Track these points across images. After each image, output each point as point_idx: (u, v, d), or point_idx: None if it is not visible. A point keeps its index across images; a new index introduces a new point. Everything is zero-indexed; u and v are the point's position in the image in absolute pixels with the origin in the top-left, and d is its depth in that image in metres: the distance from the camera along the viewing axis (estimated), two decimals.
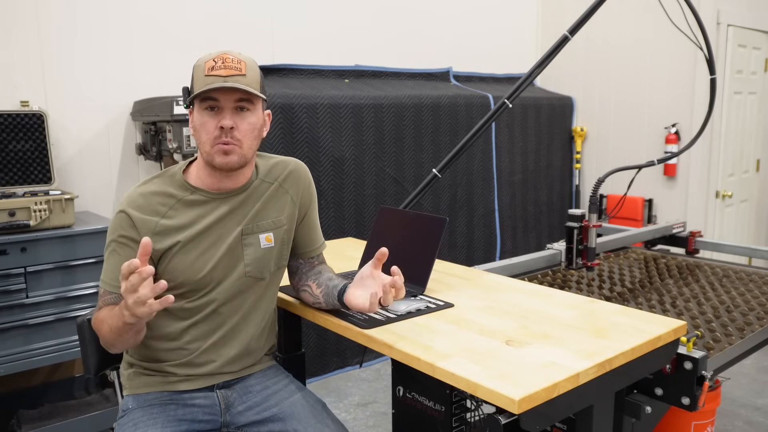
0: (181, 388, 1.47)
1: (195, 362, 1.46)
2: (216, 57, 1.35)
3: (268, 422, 1.50)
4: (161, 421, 1.40)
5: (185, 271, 1.41)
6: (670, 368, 1.48)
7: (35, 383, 2.80)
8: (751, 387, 3.21)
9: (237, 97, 1.35)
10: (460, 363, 1.20)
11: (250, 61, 1.39)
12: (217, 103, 1.35)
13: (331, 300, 1.49)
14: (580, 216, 2.29)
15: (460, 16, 4.37)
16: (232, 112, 1.36)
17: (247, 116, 1.38)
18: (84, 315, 1.62)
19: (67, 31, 2.88)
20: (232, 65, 1.34)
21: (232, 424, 1.50)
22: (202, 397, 1.48)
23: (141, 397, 1.46)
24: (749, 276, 2.42)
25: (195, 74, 1.36)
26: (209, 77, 1.33)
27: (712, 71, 2.52)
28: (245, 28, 3.41)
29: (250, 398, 1.52)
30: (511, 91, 2.36)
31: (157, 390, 1.47)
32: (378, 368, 3.50)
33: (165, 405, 1.44)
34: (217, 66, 1.33)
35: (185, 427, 1.43)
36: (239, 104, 1.37)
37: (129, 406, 1.46)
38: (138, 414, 1.43)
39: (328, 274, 1.59)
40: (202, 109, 1.36)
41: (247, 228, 1.47)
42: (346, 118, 3.31)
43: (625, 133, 4.38)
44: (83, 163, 2.99)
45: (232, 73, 1.33)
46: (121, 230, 1.39)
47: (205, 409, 1.47)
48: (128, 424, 1.41)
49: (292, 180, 1.55)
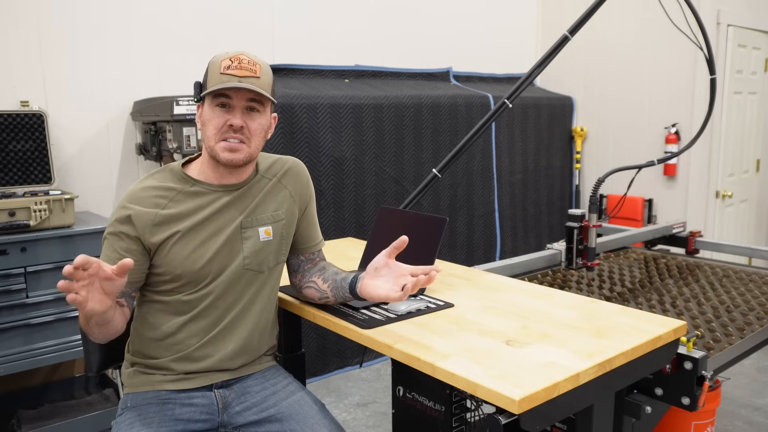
0: (179, 387, 1.47)
1: (192, 356, 1.46)
2: (233, 56, 1.38)
3: (266, 423, 1.50)
4: (157, 421, 1.41)
5: (183, 262, 1.42)
6: (670, 368, 1.48)
7: (35, 383, 2.80)
8: (751, 387, 3.21)
9: (249, 97, 1.39)
10: (460, 363, 1.20)
11: (264, 65, 1.43)
12: (230, 101, 1.38)
13: (342, 293, 1.49)
14: (580, 216, 2.29)
15: (460, 16, 4.37)
16: (242, 111, 1.39)
17: (256, 117, 1.42)
18: None
19: (67, 31, 2.88)
20: (247, 66, 1.38)
21: (229, 424, 1.50)
22: (200, 396, 1.48)
23: (139, 395, 1.47)
24: (749, 276, 2.42)
25: (210, 70, 1.39)
26: (224, 75, 1.36)
27: (712, 71, 2.52)
28: (245, 28, 3.41)
29: (248, 398, 1.52)
30: (511, 91, 2.36)
31: (156, 389, 1.47)
32: (378, 368, 3.50)
33: (162, 404, 1.45)
34: (233, 65, 1.37)
35: (181, 427, 1.42)
36: (250, 104, 1.40)
37: (127, 404, 1.47)
38: (135, 413, 1.43)
39: (333, 268, 1.60)
40: (214, 105, 1.39)
41: (246, 221, 1.49)
42: (346, 118, 3.31)
43: (625, 133, 4.38)
44: (83, 163, 2.99)
45: (247, 74, 1.37)
46: (118, 225, 1.40)
47: (203, 409, 1.47)
48: (125, 422, 1.41)
49: (290, 176, 1.58)
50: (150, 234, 1.39)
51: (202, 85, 1.41)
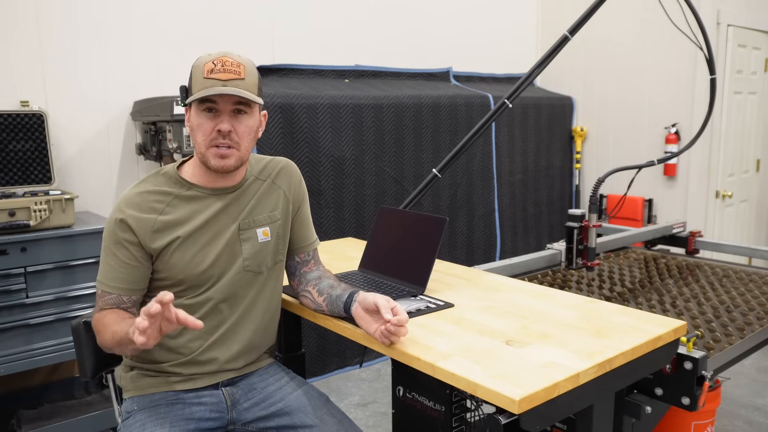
0: (186, 387, 1.48)
1: (198, 361, 1.47)
2: (216, 59, 1.36)
3: (275, 417, 1.52)
4: (170, 421, 1.41)
5: (185, 267, 1.42)
6: (670, 368, 1.48)
7: (35, 383, 2.80)
8: (751, 387, 3.21)
9: (235, 100, 1.37)
10: (460, 363, 1.21)
11: (248, 64, 1.40)
12: (215, 106, 1.37)
13: (337, 310, 1.50)
14: (580, 216, 2.29)
15: (460, 16, 4.37)
16: (229, 115, 1.38)
17: (244, 119, 1.40)
18: (79, 318, 1.60)
19: (67, 30, 2.88)
20: (231, 69, 1.35)
21: (238, 420, 1.52)
22: (208, 395, 1.49)
23: (146, 398, 1.47)
24: (749, 276, 2.42)
25: (194, 74, 1.37)
26: (208, 80, 1.34)
27: (712, 71, 2.52)
28: (245, 27, 3.41)
29: (255, 395, 1.54)
30: (511, 91, 2.36)
31: (162, 390, 1.47)
32: (378, 368, 3.50)
33: (172, 405, 1.45)
34: (216, 69, 1.34)
35: (193, 426, 1.43)
36: (237, 107, 1.38)
37: (134, 407, 1.46)
38: (145, 415, 1.43)
39: (328, 281, 1.60)
40: (200, 110, 1.37)
41: (243, 223, 1.49)
42: (346, 118, 3.31)
43: (625, 133, 4.38)
44: (83, 163, 2.99)
45: (231, 77, 1.35)
46: (119, 232, 1.39)
47: (212, 407, 1.49)
48: (135, 425, 1.41)
49: (283, 176, 1.59)
50: (150, 240, 1.39)
51: (188, 90, 1.40)
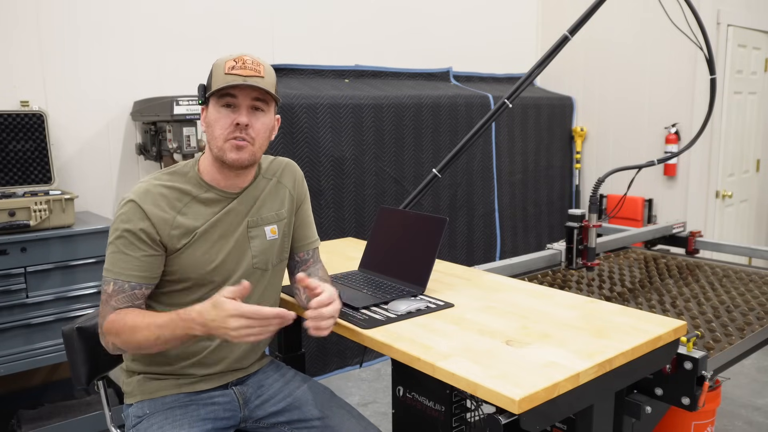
0: (197, 388, 1.49)
1: (206, 362, 1.49)
2: (236, 58, 1.40)
3: (285, 411, 1.54)
4: (187, 422, 1.42)
5: (195, 265, 1.43)
6: (670, 368, 1.48)
7: (35, 383, 2.80)
8: (751, 387, 3.21)
9: (254, 95, 1.40)
10: (460, 363, 1.21)
11: (267, 66, 1.45)
12: (235, 101, 1.39)
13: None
14: (580, 216, 2.29)
15: (460, 16, 4.37)
16: (248, 110, 1.40)
17: (261, 116, 1.43)
18: (72, 324, 1.60)
19: (67, 30, 2.88)
20: (251, 67, 1.40)
21: (250, 418, 1.54)
22: (220, 395, 1.51)
23: (158, 401, 1.47)
24: (749, 276, 2.42)
25: (214, 72, 1.40)
26: (229, 75, 1.37)
27: (712, 71, 2.52)
28: (245, 27, 3.41)
29: (264, 391, 1.57)
30: (511, 91, 2.36)
31: (173, 393, 1.48)
32: (378, 368, 3.50)
33: (186, 406, 1.46)
34: (237, 66, 1.38)
35: (210, 426, 1.45)
36: (255, 103, 1.41)
37: (146, 411, 1.45)
38: (159, 418, 1.43)
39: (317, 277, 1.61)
40: (219, 105, 1.40)
41: (252, 221, 1.51)
42: (346, 118, 3.31)
43: (625, 133, 4.38)
44: (83, 163, 2.99)
45: (252, 74, 1.39)
46: (136, 221, 1.36)
47: (225, 406, 1.51)
48: (152, 428, 1.41)
49: (288, 175, 1.62)
50: (168, 237, 1.39)
51: (207, 88, 1.42)
